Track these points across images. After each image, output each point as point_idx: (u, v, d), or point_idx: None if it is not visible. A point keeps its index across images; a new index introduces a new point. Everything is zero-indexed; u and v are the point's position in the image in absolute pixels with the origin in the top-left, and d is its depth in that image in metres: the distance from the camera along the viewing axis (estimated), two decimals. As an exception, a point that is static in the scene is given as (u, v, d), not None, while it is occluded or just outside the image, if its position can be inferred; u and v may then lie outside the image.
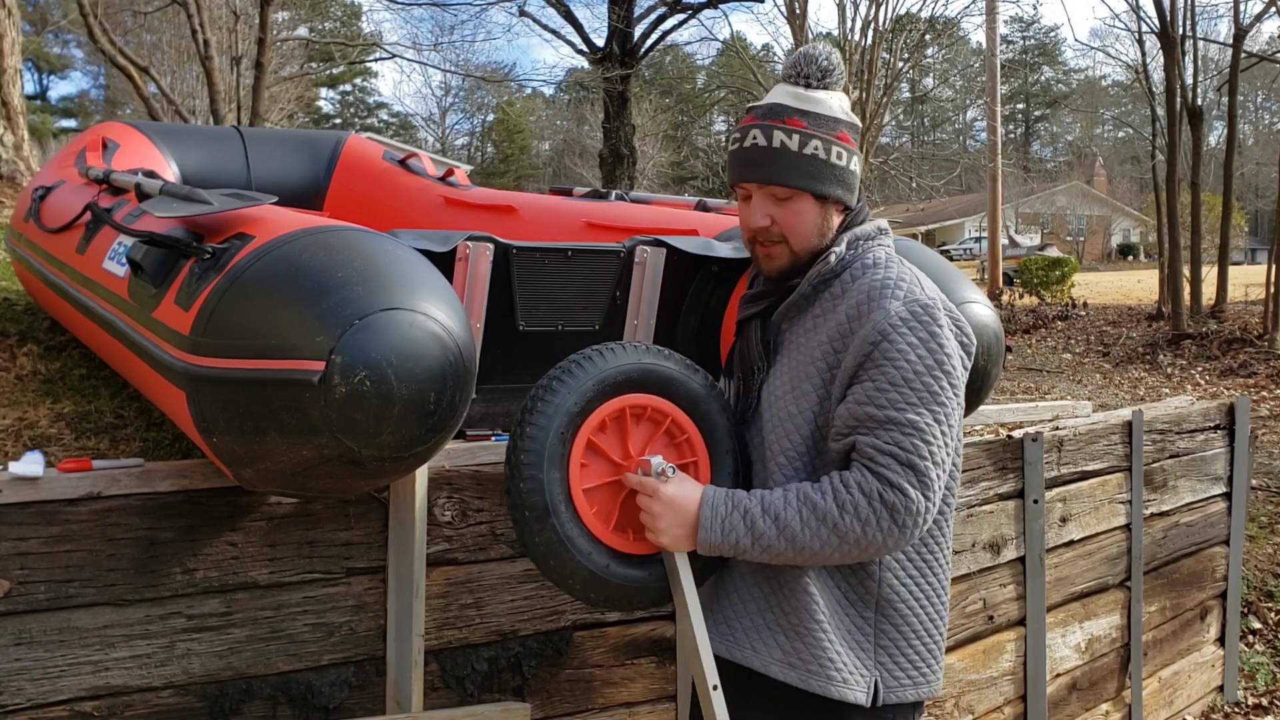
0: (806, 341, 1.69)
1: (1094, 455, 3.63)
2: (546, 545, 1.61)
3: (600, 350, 1.68)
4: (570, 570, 1.63)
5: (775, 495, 1.60)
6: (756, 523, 1.58)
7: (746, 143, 1.70)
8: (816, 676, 1.64)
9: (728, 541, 1.60)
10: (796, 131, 1.66)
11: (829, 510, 1.56)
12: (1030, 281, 15.77)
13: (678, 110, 34.51)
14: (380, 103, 50.99)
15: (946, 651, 3.14)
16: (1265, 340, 10.27)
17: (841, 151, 1.69)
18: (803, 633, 1.65)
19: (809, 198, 1.68)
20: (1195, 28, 12.81)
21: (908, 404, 1.56)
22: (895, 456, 1.55)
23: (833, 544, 1.58)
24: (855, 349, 1.60)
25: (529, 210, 3.75)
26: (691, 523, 1.61)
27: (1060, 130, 55.89)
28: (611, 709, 2.48)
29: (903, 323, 1.59)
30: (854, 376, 1.61)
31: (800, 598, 1.65)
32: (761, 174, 1.68)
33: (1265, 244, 23.07)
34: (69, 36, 32.26)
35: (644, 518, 1.63)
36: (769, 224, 1.69)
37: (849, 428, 1.60)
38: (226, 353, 1.69)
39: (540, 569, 1.66)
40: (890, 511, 1.55)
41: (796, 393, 1.67)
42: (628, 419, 1.69)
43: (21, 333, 3.43)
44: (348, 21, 35.00)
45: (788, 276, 1.73)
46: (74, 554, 1.92)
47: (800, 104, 1.69)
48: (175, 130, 4.52)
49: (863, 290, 1.64)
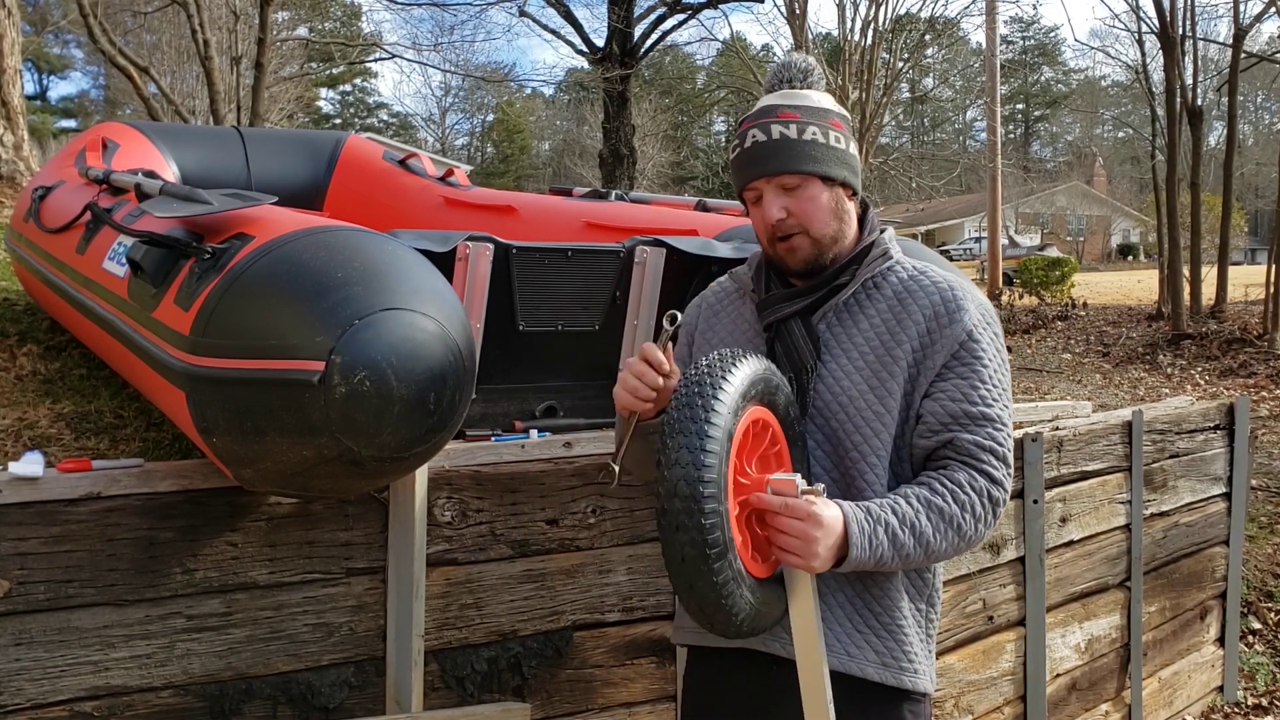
0: (873, 340, 1.68)
1: (1094, 455, 3.63)
2: (724, 583, 1.45)
3: (736, 358, 1.55)
4: (739, 606, 1.49)
5: (902, 505, 1.59)
6: (898, 535, 1.57)
7: (747, 143, 1.71)
8: (907, 673, 1.70)
9: (874, 557, 1.56)
10: (793, 122, 1.69)
11: (954, 513, 1.60)
12: (1030, 281, 15.76)
13: (678, 110, 34.48)
14: (380, 103, 51.02)
15: (947, 652, 3.16)
16: (1265, 340, 10.27)
17: (839, 136, 1.71)
18: (894, 631, 1.69)
19: (818, 182, 1.69)
20: (1195, 28, 12.82)
21: (995, 400, 1.65)
22: (993, 452, 1.63)
23: (955, 544, 1.62)
24: (942, 348, 1.65)
25: (529, 210, 3.76)
26: (839, 543, 1.53)
27: (1060, 130, 55.91)
28: (611, 709, 2.48)
29: (982, 324, 1.67)
30: (939, 374, 1.65)
31: (891, 597, 1.69)
32: (768, 167, 1.69)
33: (1265, 244, 23.05)
34: (69, 36, 32.29)
35: (786, 540, 1.50)
36: (785, 216, 1.69)
37: (942, 424, 1.64)
38: (226, 353, 1.69)
39: (705, 610, 1.49)
40: (994, 505, 1.63)
41: (880, 391, 1.66)
42: (750, 435, 1.56)
43: (21, 333, 3.43)
44: (348, 21, 34.96)
45: (814, 268, 1.72)
46: (74, 554, 1.92)
47: (789, 100, 1.72)
48: (175, 130, 4.53)
49: (936, 291, 1.68)
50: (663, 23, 20.72)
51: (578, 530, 2.43)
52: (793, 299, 1.73)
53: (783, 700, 1.68)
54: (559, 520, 2.40)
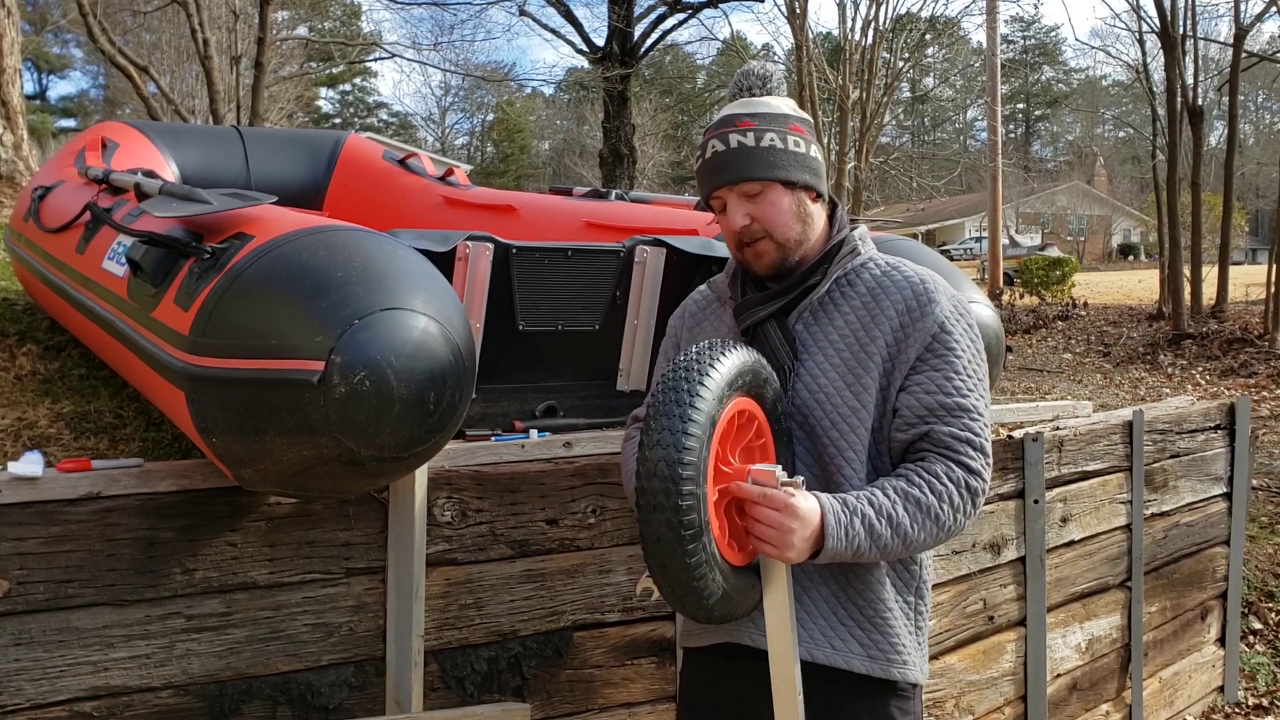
0: (848, 336, 1.71)
1: (1094, 455, 3.63)
2: (697, 565, 1.49)
3: (725, 348, 1.57)
4: (711, 589, 1.52)
5: (879, 497, 1.61)
6: (874, 526, 1.59)
7: (707, 154, 1.75)
8: (895, 664, 1.72)
9: (850, 549, 1.58)
10: (750, 130, 1.72)
11: (931, 504, 1.62)
12: (1030, 281, 15.76)
13: (678, 110, 34.47)
14: (380, 102, 50.98)
15: (947, 652, 3.16)
16: (1265, 340, 10.27)
17: (798, 140, 1.74)
18: (879, 624, 1.71)
19: (778, 187, 1.72)
20: (1195, 27, 12.81)
21: (969, 390, 1.67)
22: (970, 442, 1.65)
23: (933, 535, 1.64)
24: (915, 341, 1.68)
25: (529, 210, 3.76)
26: (815, 535, 1.55)
27: (1060, 130, 55.90)
28: (611, 709, 2.48)
29: (954, 315, 1.70)
30: (913, 368, 1.68)
31: (874, 590, 1.72)
32: (727, 175, 1.72)
33: (1265, 244, 23.07)
34: (69, 36, 32.31)
35: (763, 530, 1.53)
36: (749, 222, 1.72)
37: (918, 417, 1.66)
38: (226, 353, 1.69)
39: (676, 591, 1.52)
40: (973, 496, 1.66)
41: (855, 387, 1.69)
42: (735, 425, 1.59)
43: (21, 333, 3.43)
44: (347, 21, 34.94)
45: (780, 272, 1.75)
46: (73, 554, 1.92)
47: (747, 109, 1.75)
48: (175, 130, 4.53)
49: (907, 285, 1.71)
50: (663, 22, 20.75)
51: (578, 530, 2.43)
52: (767, 301, 1.76)
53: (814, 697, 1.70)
54: (559, 520, 2.40)
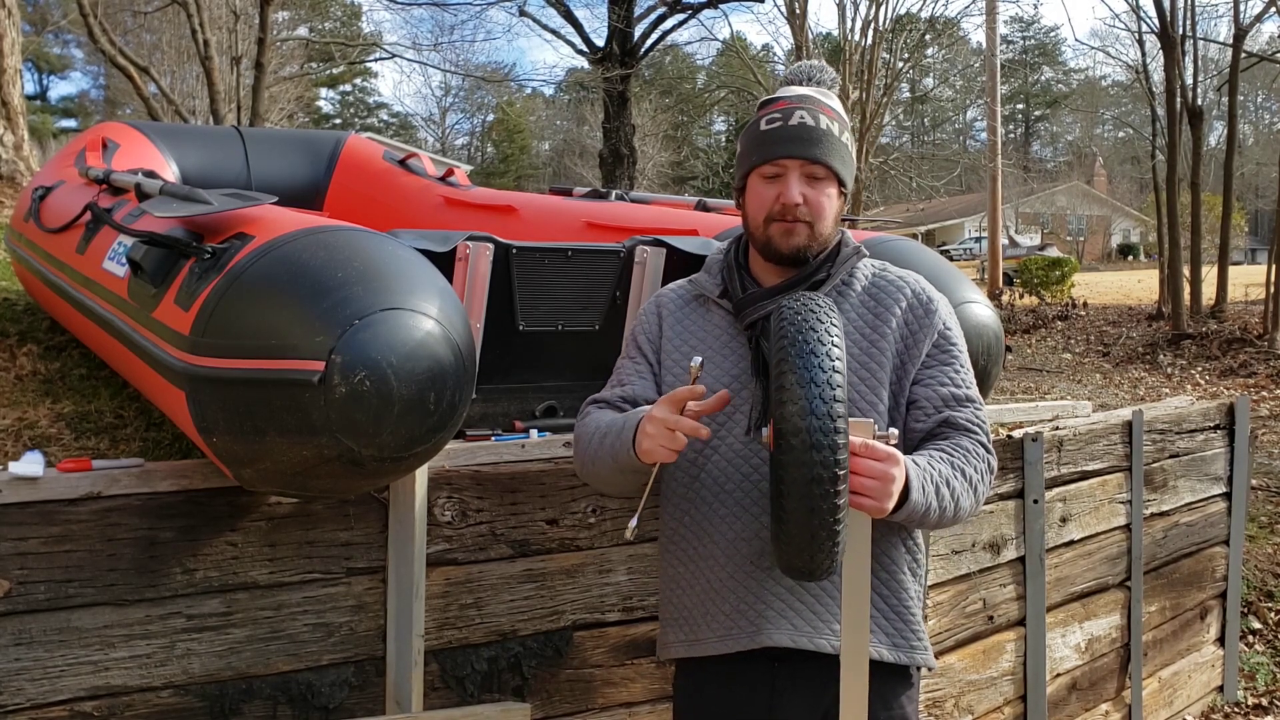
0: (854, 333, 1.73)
1: (1094, 455, 3.63)
2: (845, 508, 1.43)
3: (828, 305, 1.52)
4: (841, 542, 1.45)
5: (937, 462, 1.64)
6: (940, 489, 1.61)
7: (793, 121, 1.70)
8: (918, 650, 1.75)
9: (924, 505, 1.57)
10: (834, 121, 1.73)
11: (972, 475, 1.67)
12: (1030, 281, 15.77)
13: (678, 110, 34.47)
14: (380, 103, 50.98)
15: (947, 652, 3.16)
16: (1265, 340, 10.27)
17: (853, 146, 1.80)
18: (901, 612, 1.74)
19: (836, 184, 1.73)
20: (1195, 28, 12.82)
21: (970, 384, 1.76)
22: (981, 428, 1.74)
23: (971, 506, 1.69)
24: (925, 337, 1.74)
25: (529, 210, 3.76)
26: (901, 488, 1.53)
27: (1060, 130, 55.84)
28: (611, 709, 2.48)
29: (950, 314, 1.79)
30: (924, 362, 1.74)
31: (899, 579, 1.74)
32: (810, 151, 1.69)
33: (1265, 244, 23.06)
34: (69, 36, 32.27)
35: (863, 483, 1.48)
36: (803, 201, 1.69)
37: (935, 407, 1.73)
38: (226, 353, 1.69)
39: (817, 537, 1.42)
40: (991, 473, 1.74)
41: (870, 381, 1.71)
42: None
43: (21, 333, 3.43)
44: (348, 21, 34.97)
45: (797, 259, 1.72)
46: (74, 554, 1.92)
47: (828, 100, 1.77)
48: (175, 130, 4.53)
49: (905, 285, 1.78)
50: (663, 22, 20.74)
51: (578, 530, 2.43)
52: (774, 295, 1.70)
53: (786, 697, 1.67)
54: (559, 520, 2.40)
